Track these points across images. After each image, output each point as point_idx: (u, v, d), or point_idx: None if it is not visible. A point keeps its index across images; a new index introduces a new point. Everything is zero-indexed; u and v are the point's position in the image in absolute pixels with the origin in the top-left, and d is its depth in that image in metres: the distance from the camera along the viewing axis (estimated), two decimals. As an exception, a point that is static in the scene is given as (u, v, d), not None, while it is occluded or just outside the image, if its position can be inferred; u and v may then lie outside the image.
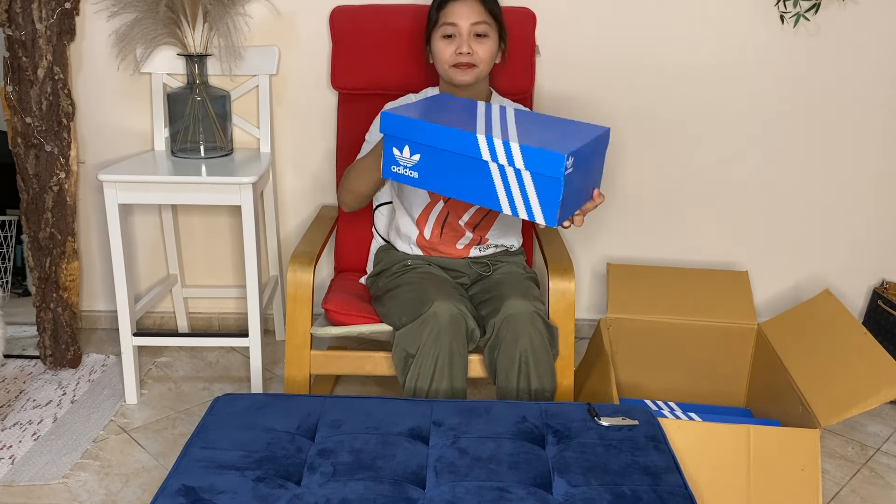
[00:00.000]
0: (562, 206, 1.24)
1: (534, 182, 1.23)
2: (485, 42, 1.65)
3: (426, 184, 1.32)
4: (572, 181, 1.24)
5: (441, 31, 1.65)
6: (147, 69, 2.02)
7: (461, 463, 1.20)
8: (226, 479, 1.15)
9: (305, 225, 2.24)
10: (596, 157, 1.34)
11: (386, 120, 1.31)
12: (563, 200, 1.23)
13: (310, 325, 1.67)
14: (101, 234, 2.24)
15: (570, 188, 1.25)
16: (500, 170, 1.25)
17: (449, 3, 1.64)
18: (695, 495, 1.21)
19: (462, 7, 1.63)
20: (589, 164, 1.31)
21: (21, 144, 1.93)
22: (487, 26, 1.64)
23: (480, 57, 1.64)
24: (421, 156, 1.30)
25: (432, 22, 1.68)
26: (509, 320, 1.52)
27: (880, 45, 2.07)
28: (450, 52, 1.64)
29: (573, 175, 1.23)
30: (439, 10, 1.65)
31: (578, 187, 1.29)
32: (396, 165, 1.33)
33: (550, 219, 1.24)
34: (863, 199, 2.22)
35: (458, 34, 1.63)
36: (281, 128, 2.14)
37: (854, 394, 1.51)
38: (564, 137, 1.27)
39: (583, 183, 1.31)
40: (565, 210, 1.27)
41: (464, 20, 1.62)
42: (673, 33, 2.06)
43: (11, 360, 2.12)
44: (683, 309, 1.93)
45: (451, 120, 1.31)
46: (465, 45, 1.63)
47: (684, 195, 2.22)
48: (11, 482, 1.62)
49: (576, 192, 1.29)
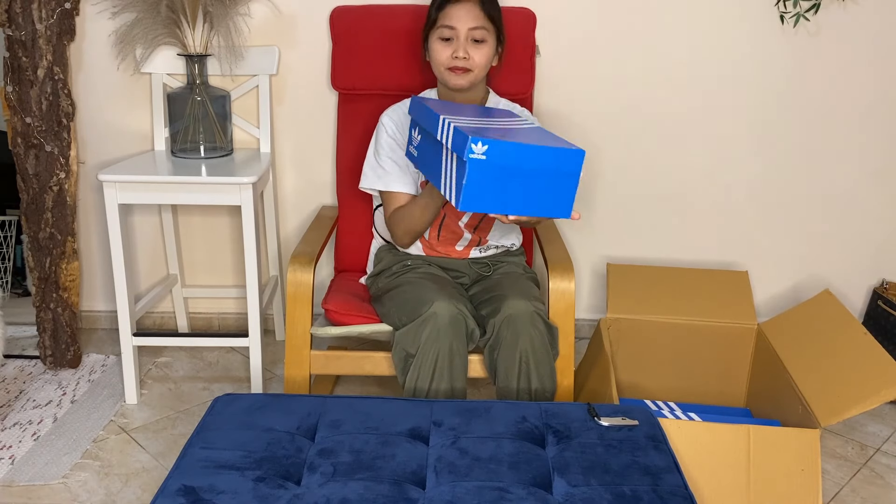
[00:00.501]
0: (471, 192, 1.25)
1: (455, 164, 1.29)
2: (482, 47, 1.64)
3: (420, 164, 1.47)
4: (494, 175, 1.25)
5: (439, 33, 1.64)
6: (147, 69, 2.02)
7: (461, 463, 1.20)
8: (226, 479, 1.15)
9: (305, 225, 2.24)
10: (552, 175, 1.29)
11: (413, 104, 1.50)
12: (468, 185, 1.24)
13: (310, 325, 1.67)
14: (101, 234, 2.24)
15: (490, 180, 1.25)
16: (446, 152, 1.33)
17: (449, 5, 1.63)
18: (695, 495, 1.21)
19: (461, 10, 1.62)
20: (538, 177, 1.28)
21: (21, 144, 1.93)
22: (485, 31, 1.63)
23: (476, 62, 1.64)
24: (421, 137, 1.47)
25: (431, 21, 1.67)
26: (509, 320, 1.52)
27: (880, 45, 2.07)
28: (446, 55, 1.64)
29: (496, 170, 1.25)
30: (439, 10, 1.64)
31: (511, 189, 1.28)
32: (411, 145, 1.52)
33: (458, 201, 1.27)
34: (863, 199, 2.22)
35: (455, 38, 1.63)
36: (281, 128, 2.14)
37: (854, 394, 1.51)
38: (515, 137, 1.29)
39: (522, 190, 1.29)
40: (481, 199, 1.27)
41: (462, 24, 1.61)
42: (673, 33, 2.06)
43: (11, 360, 2.12)
44: (683, 309, 1.93)
45: (449, 111, 1.40)
46: (462, 49, 1.62)
47: (684, 195, 2.22)
48: (11, 482, 1.62)
49: (504, 190, 1.28)
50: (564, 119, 2.14)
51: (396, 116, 1.72)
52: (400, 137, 1.70)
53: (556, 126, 2.14)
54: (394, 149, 1.69)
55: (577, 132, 2.15)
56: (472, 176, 1.24)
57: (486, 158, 1.23)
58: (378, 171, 1.70)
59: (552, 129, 2.14)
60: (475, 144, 1.21)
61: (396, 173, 1.67)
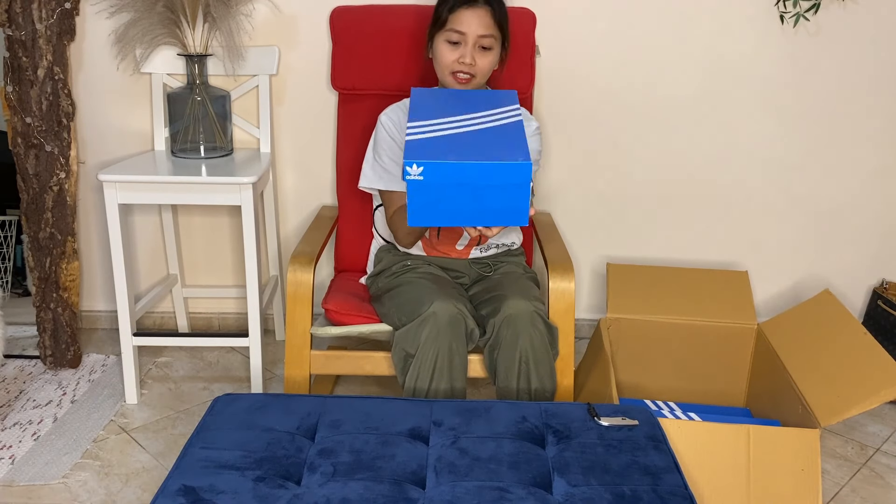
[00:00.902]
0: (416, 209, 1.25)
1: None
2: (488, 55, 1.64)
3: None
4: (436, 192, 1.25)
5: (447, 36, 1.63)
6: (147, 69, 2.02)
7: (461, 463, 1.20)
8: (226, 479, 1.15)
9: (305, 225, 2.24)
10: (500, 188, 1.27)
11: (414, 96, 1.51)
12: (411, 203, 1.24)
13: (310, 325, 1.67)
14: (101, 234, 2.24)
15: (433, 197, 1.25)
16: None
17: (461, 9, 1.61)
18: (695, 495, 1.21)
19: (473, 17, 1.61)
20: (485, 190, 1.27)
21: (21, 144, 1.93)
22: (493, 39, 1.63)
23: (481, 69, 1.64)
24: None
25: (440, 22, 1.65)
26: (509, 320, 1.52)
27: (880, 45, 2.07)
28: (452, 59, 1.63)
29: (437, 188, 1.24)
30: (450, 12, 1.62)
31: (459, 202, 1.27)
32: None
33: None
34: (863, 199, 2.22)
35: (464, 43, 1.62)
36: (281, 128, 2.15)
37: (854, 394, 1.51)
38: (465, 149, 1.28)
39: (471, 203, 1.28)
40: (428, 214, 1.27)
41: (472, 31, 1.61)
42: (673, 33, 2.06)
43: (11, 360, 2.12)
44: (683, 309, 1.93)
45: (428, 107, 1.44)
46: (469, 55, 1.62)
47: (684, 195, 2.22)
48: (11, 482, 1.62)
49: (452, 204, 1.27)
50: (564, 119, 2.14)
51: (395, 116, 1.72)
52: (399, 137, 1.70)
53: (555, 126, 2.14)
54: (393, 148, 1.69)
55: (576, 132, 2.15)
56: (413, 195, 1.24)
57: (424, 179, 1.23)
58: (378, 170, 1.70)
59: (552, 128, 2.14)
60: (409, 167, 1.22)
61: (397, 173, 1.67)
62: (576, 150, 2.17)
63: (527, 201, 1.26)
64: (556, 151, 2.17)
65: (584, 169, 2.19)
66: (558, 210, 2.23)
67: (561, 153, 2.17)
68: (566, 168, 2.19)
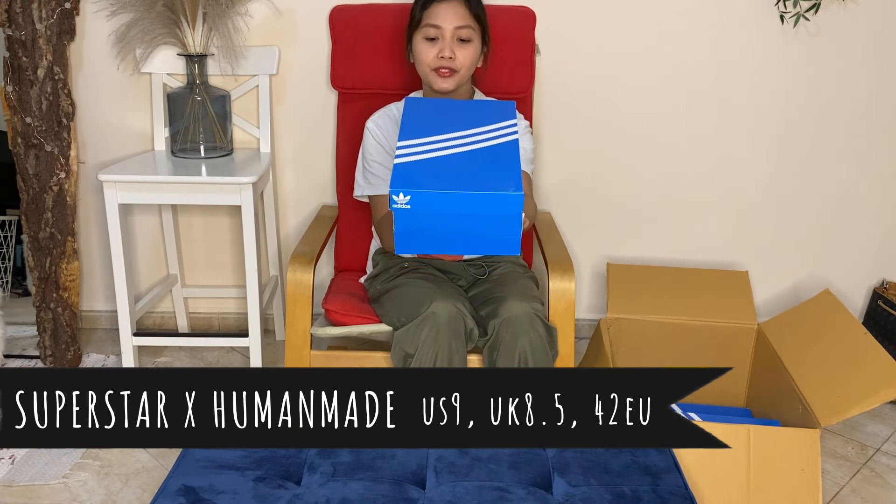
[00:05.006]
0: (403, 238, 1.22)
1: None
2: (468, 47, 1.63)
3: None
4: (423, 222, 1.21)
5: (423, 33, 1.63)
6: (147, 69, 2.02)
7: (461, 463, 1.20)
8: (226, 479, 1.15)
9: (305, 225, 2.23)
10: (490, 218, 1.22)
11: (407, 105, 1.44)
12: (398, 232, 1.21)
13: (310, 325, 1.67)
14: (101, 234, 2.24)
15: (421, 226, 1.21)
16: None
17: (434, 3, 1.61)
18: (695, 495, 1.21)
19: (447, 9, 1.60)
20: (474, 220, 1.22)
21: (21, 144, 1.93)
22: (471, 31, 1.62)
23: (462, 62, 1.62)
24: None
25: (415, 22, 1.65)
26: (508, 322, 1.52)
27: (880, 45, 2.07)
28: (432, 56, 1.63)
29: (425, 218, 1.20)
30: (423, 9, 1.62)
31: (448, 231, 1.23)
32: None
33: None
34: (862, 199, 2.22)
35: (441, 37, 1.61)
36: (281, 128, 2.14)
37: (854, 394, 1.51)
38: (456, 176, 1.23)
39: (460, 232, 1.24)
40: (415, 243, 1.23)
41: (448, 23, 1.60)
42: (673, 33, 2.06)
43: (11, 360, 2.12)
44: (683, 309, 1.93)
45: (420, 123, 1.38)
46: (448, 49, 1.61)
47: (684, 195, 2.22)
48: (11, 482, 1.62)
49: (440, 233, 1.23)
50: (565, 118, 2.14)
51: (382, 121, 1.72)
52: (386, 141, 1.69)
53: (556, 125, 2.14)
54: (380, 153, 1.68)
55: (577, 131, 2.15)
56: (400, 223, 1.20)
57: (411, 208, 1.19)
58: (368, 176, 1.70)
59: (552, 127, 2.14)
60: (396, 195, 1.17)
61: (385, 176, 1.66)
62: (576, 149, 2.17)
63: (518, 232, 1.21)
64: (556, 151, 2.17)
65: (585, 169, 2.19)
66: (558, 210, 2.22)
67: (561, 152, 2.17)
68: (567, 167, 2.19)
